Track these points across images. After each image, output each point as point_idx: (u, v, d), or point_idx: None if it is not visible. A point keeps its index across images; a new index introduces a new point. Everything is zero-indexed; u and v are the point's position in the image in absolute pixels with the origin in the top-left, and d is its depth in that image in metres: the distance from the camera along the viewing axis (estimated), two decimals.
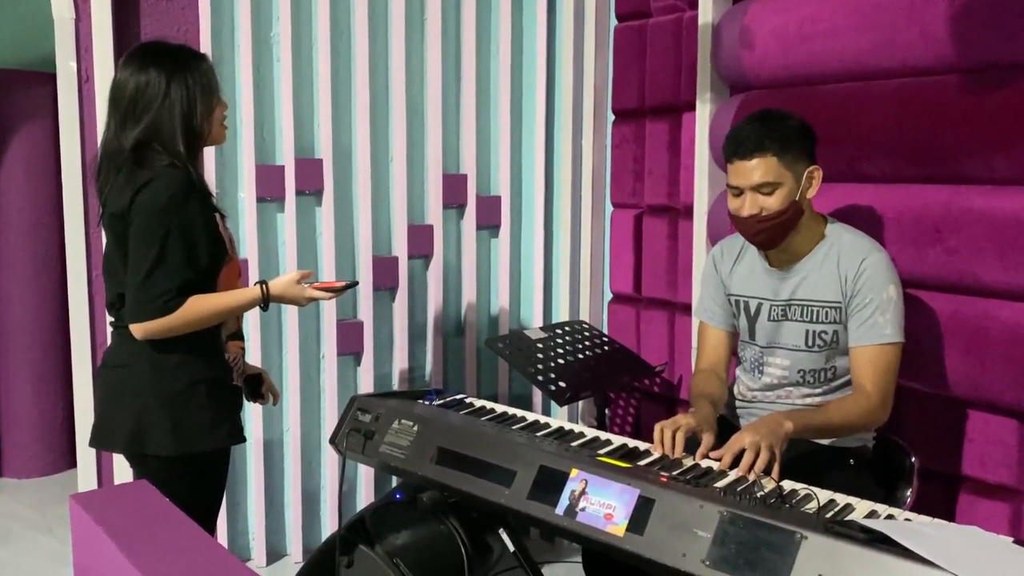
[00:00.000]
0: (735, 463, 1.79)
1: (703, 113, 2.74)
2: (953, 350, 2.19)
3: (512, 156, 3.32)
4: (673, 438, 1.87)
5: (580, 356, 2.81)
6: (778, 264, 2.14)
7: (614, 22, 3.16)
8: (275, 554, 3.21)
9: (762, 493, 1.66)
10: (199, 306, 1.96)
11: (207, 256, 1.99)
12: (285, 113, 3.04)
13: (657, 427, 1.90)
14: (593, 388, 2.75)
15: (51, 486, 4.00)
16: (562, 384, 2.60)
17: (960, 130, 2.14)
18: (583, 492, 1.70)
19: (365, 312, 3.18)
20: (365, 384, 3.22)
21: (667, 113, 2.95)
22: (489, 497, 1.82)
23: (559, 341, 2.85)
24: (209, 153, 2.94)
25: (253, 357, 3.04)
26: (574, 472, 1.73)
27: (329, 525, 3.25)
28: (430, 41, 3.20)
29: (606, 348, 2.92)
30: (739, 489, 1.67)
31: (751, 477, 1.74)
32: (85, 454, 3.06)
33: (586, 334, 2.95)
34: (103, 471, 3.07)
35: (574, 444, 1.96)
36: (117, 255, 2.02)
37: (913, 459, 2.16)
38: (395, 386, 3.28)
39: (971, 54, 2.12)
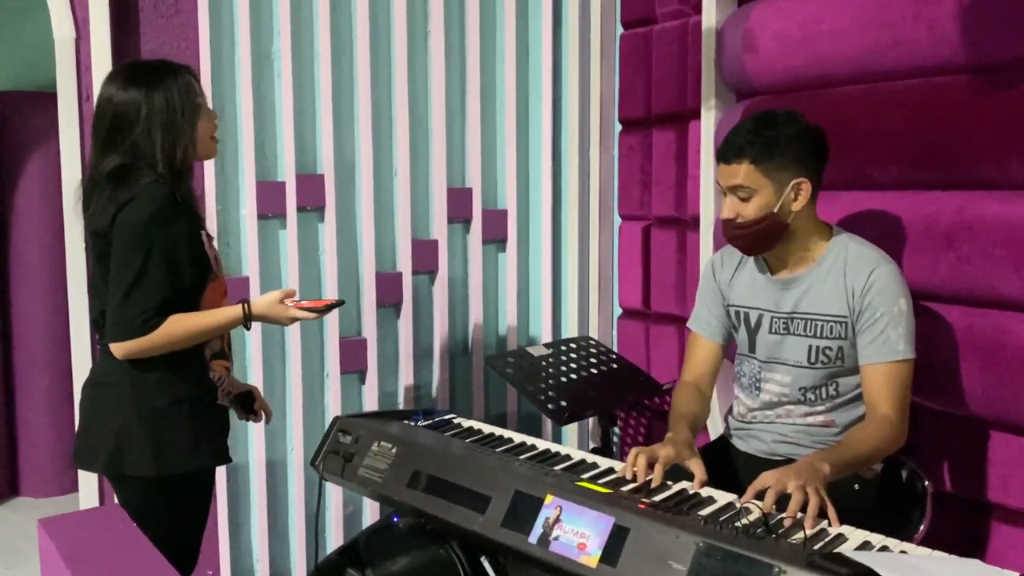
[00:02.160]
0: (779, 507, 1.62)
1: (708, 120, 2.64)
2: (969, 365, 2.05)
3: (518, 168, 3.25)
4: (649, 467, 1.77)
5: (584, 374, 2.72)
6: (779, 274, 2.04)
7: (620, 30, 3.07)
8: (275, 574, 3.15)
9: (746, 522, 1.54)
10: (179, 325, 1.91)
11: (190, 275, 1.95)
12: (286, 128, 2.99)
13: (633, 452, 1.79)
14: (596, 407, 2.65)
15: (67, 506, 4.00)
16: (563, 403, 2.51)
17: (972, 132, 2.02)
18: (557, 520, 1.61)
19: (369, 329, 3.12)
20: (370, 403, 3.16)
21: (674, 121, 2.86)
22: (463, 524, 1.74)
23: (563, 359, 2.76)
24: (209, 170, 2.91)
25: (255, 374, 3.00)
26: (549, 498, 1.64)
27: (333, 547, 3.18)
28: (433, 53, 3.14)
29: (612, 365, 2.82)
30: (722, 519, 1.56)
31: (809, 524, 1.55)
32: (86, 474, 3.03)
33: (592, 351, 2.86)
34: (105, 491, 3.04)
35: (557, 468, 1.87)
36: (100, 273, 2.00)
37: (926, 483, 2.02)
38: (400, 405, 3.21)
39: (982, 52, 1.99)
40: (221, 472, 2.97)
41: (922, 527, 1.98)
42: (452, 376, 3.28)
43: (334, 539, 3.17)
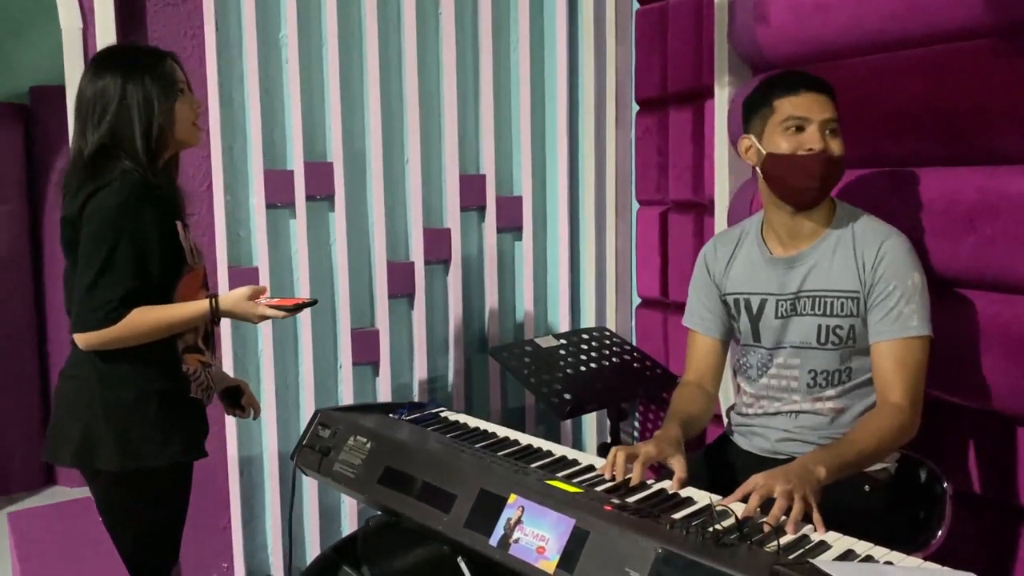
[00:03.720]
0: (763, 511, 1.49)
1: (722, 97, 2.49)
2: (994, 357, 1.88)
3: (533, 154, 3.13)
4: (630, 465, 1.65)
5: (593, 366, 2.60)
6: (782, 252, 1.89)
7: (636, 6, 2.94)
8: (294, 568, 3.11)
9: (719, 527, 1.41)
10: (144, 318, 1.86)
11: (160, 266, 1.90)
12: (294, 116, 2.94)
13: (612, 451, 1.68)
14: (602, 401, 2.54)
15: None
16: (567, 396, 2.40)
17: (996, 102, 1.85)
18: (518, 521, 1.50)
19: (381, 320, 3.05)
20: (383, 395, 3.09)
21: (690, 100, 2.72)
22: (427, 523, 1.65)
23: (573, 350, 2.65)
24: (217, 159, 2.88)
25: (267, 366, 2.96)
26: (512, 498, 1.54)
27: None
28: (445, 35, 3.05)
29: (625, 357, 2.69)
30: (695, 523, 1.43)
31: (789, 530, 1.44)
32: None
33: (605, 342, 2.74)
34: None
35: (533, 465, 1.76)
36: (70, 262, 1.97)
37: (945, 484, 1.86)
38: (415, 397, 3.14)
39: (1006, 12, 1.81)
40: (234, 466, 2.95)
41: (940, 532, 1.82)
42: (467, 368, 3.19)
43: (350, 531, 3.11)
